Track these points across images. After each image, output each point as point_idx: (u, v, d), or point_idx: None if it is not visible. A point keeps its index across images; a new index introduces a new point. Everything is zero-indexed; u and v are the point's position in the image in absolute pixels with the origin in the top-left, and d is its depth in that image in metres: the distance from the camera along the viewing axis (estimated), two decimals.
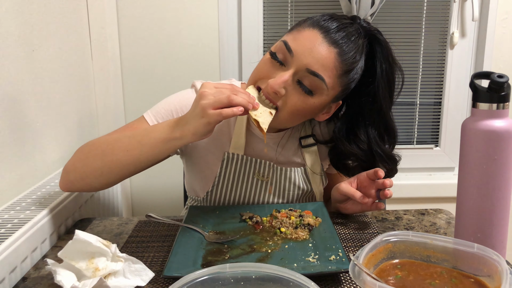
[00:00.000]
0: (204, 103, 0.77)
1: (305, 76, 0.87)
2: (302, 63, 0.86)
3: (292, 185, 1.06)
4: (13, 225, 0.84)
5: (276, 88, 0.86)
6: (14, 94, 1.05)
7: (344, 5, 1.60)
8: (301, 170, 1.06)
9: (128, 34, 1.64)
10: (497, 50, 1.74)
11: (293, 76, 0.88)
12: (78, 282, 0.68)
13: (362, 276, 0.61)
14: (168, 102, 1.01)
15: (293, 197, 1.07)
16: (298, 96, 0.89)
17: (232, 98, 0.77)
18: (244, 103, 0.79)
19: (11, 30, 1.05)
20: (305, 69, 0.86)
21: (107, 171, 0.87)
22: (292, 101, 0.89)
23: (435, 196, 1.84)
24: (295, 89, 0.89)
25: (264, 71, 0.91)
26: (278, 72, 0.89)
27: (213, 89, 0.79)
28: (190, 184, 1.13)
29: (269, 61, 0.90)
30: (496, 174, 0.74)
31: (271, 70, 0.90)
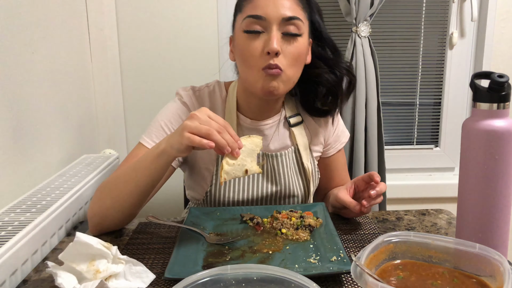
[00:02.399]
0: (186, 124, 0.80)
1: (286, 24, 0.94)
2: (276, 17, 0.94)
3: (286, 168, 1.09)
4: (13, 227, 0.84)
5: (276, 47, 0.92)
6: (14, 96, 1.05)
7: (343, 6, 1.60)
8: (291, 150, 1.10)
9: (127, 35, 1.64)
10: (496, 50, 1.75)
11: (278, 32, 0.94)
12: (79, 284, 0.68)
13: (364, 277, 0.61)
14: (156, 119, 1.06)
15: (288, 182, 1.08)
16: (291, 45, 0.96)
17: (211, 133, 0.79)
18: (220, 143, 0.79)
19: (11, 32, 1.05)
20: (281, 20, 0.94)
21: (119, 206, 0.91)
22: (290, 52, 0.95)
23: (435, 197, 1.84)
24: (286, 41, 0.95)
25: (254, 50, 0.95)
26: (261, 40, 0.95)
27: (204, 116, 0.81)
28: (190, 189, 1.14)
29: (248, 38, 0.95)
30: (497, 174, 0.74)
31: (256, 44, 0.95)
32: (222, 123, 0.82)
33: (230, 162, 0.83)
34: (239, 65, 1.01)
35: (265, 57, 0.94)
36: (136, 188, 0.89)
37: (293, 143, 1.11)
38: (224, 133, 0.81)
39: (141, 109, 1.69)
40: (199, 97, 1.08)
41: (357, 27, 1.59)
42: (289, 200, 1.10)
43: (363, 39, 1.60)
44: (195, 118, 0.81)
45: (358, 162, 1.65)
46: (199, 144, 0.78)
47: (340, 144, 1.18)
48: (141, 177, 0.89)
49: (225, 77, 1.66)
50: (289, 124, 1.10)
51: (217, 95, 1.09)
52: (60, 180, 1.14)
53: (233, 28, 1.03)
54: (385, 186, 0.95)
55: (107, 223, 0.94)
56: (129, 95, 1.68)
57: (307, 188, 1.12)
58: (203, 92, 1.09)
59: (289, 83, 0.98)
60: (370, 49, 1.62)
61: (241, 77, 1.02)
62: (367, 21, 1.59)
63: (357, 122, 1.63)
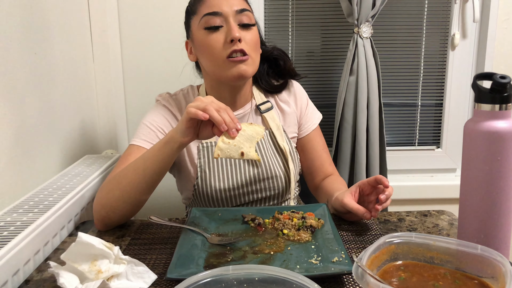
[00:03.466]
0: (190, 105, 0.87)
1: (240, 16, 1.05)
2: (231, 11, 1.04)
3: (264, 150, 1.15)
4: (15, 227, 0.84)
5: (237, 34, 1.02)
6: (16, 97, 1.06)
7: (345, 7, 1.60)
8: (266, 133, 1.17)
9: (129, 36, 1.64)
10: (498, 51, 1.74)
11: (235, 23, 1.04)
12: (80, 284, 0.68)
13: (366, 278, 0.61)
14: (142, 123, 1.13)
15: (268, 163, 1.14)
16: (248, 33, 1.06)
17: (208, 108, 0.84)
18: (216, 119, 0.84)
19: (14, 33, 1.05)
20: (235, 12, 1.04)
21: (127, 196, 0.95)
22: (249, 39, 1.06)
23: (437, 198, 1.84)
24: (243, 31, 1.05)
25: (216, 43, 1.04)
26: (221, 33, 1.04)
27: (207, 99, 0.87)
28: (181, 190, 1.20)
29: (210, 34, 1.04)
30: (499, 175, 0.74)
31: (218, 38, 1.04)
32: (223, 106, 0.87)
33: (225, 141, 0.86)
34: (204, 61, 1.09)
35: (229, 46, 1.03)
36: (145, 177, 0.93)
37: (266, 127, 1.18)
38: (223, 113, 0.85)
39: (143, 110, 1.67)
40: (175, 99, 1.18)
41: (359, 28, 1.59)
42: (272, 181, 1.13)
43: (365, 40, 1.60)
44: (198, 100, 0.87)
45: (360, 163, 1.64)
46: (195, 114, 0.84)
47: (312, 124, 1.24)
48: (149, 165, 0.93)
49: None
50: (260, 111, 1.18)
51: (190, 96, 1.19)
52: (62, 180, 1.15)
53: (189, 31, 1.13)
54: (393, 189, 0.95)
55: (114, 215, 0.96)
56: (131, 96, 1.68)
57: (287, 168, 1.16)
58: (179, 96, 1.19)
59: (254, 65, 1.08)
60: (372, 50, 1.61)
61: (208, 71, 1.10)
62: (369, 22, 1.59)
63: (358, 123, 1.63)
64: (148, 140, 1.09)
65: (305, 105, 1.25)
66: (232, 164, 1.12)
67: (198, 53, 1.10)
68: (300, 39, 1.79)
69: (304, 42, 1.80)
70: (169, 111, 1.15)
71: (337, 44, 1.80)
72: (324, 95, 1.83)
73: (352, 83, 1.63)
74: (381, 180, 0.93)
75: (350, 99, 1.64)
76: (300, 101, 1.24)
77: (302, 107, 1.24)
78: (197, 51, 1.10)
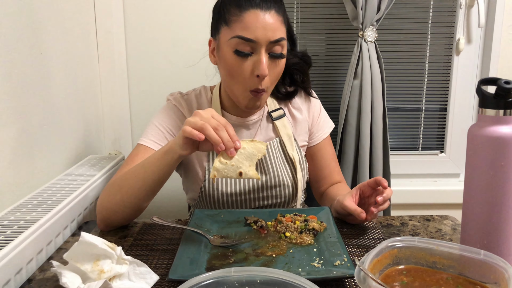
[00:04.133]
0: (187, 119, 0.85)
1: (272, 46, 0.98)
2: (265, 41, 0.96)
3: (273, 158, 1.13)
4: (19, 226, 0.84)
5: (266, 72, 0.97)
6: (21, 96, 1.06)
7: (350, 11, 1.60)
8: (276, 141, 1.15)
9: (134, 37, 1.65)
10: (503, 56, 1.74)
11: (266, 54, 0.98)
12: (83, 284, 0.68)
13: (368, 282, 0.61)
14: (150, 122, 1.12)
15: (276, 171, 1.12)
16: (276, 64, 1.01)
17: (205, 128, 0.81)
18: (213, 138, 0.81)
19: (20, 33, 1.06)
20: (269, 42, 0.97)
21: (128, 201, 0.95)
22: (275, 72, 1.02)
23: (440, 203, 1.83)
24: (272, 62, 1.00)
25: (243, 71, 0.99)
26: (250, 62, 0.98)
27: (206, 114, 0.84)
28: (187, 190, 1.18)
29: (238, 60, 0.98)
30: (503, 181, 0.73)
31: (245, 65, 0.98)
32: (223, 122, 0.84)
33: (223, 161, 0.83)
34: (225, 77, 1.05)
35: (254, 79, 0.99)
36: (144, 185, 0.93)
37: (277, 135, 1.16)
38: (221, 131, 0.82)
39: (147, 110, 1.69)
40: (187, 99, 1.15)
41: (363, 32, 1.59)
42: (279, 189, 1.13)
43: (369, 44, 1.60)
44: (197, 115, 0.84)
45: (363, 167, 1.64)
46: (190, 134, 0.81)
47: (323, 133, 1.23)
48: (149, 174, 0.92)
49: None
50: (272, 118, 1.16)
51: (203, 97, 1.16)
52: (66, 180, 1.15)
53: (216, 35, 1.04)
54: (391, 191, 0.95)
55: (115, 217, 0.97)
56: (135, 96, 1.69)
57: (295, 177, 1.14)
58: (191, 96, 1.16)
59: (268, 95, 1.06)
60: (376, 54, 1.62)
61: (226, 87, 1.07)
62: (373, 26, 1.59)
63: (362, 127, 1.63)
64: (156, 141, 1.08)
65: (317, 113, 1.22)
66: None
67: (220, 65, 1.04)
68: (304, 42, 1.80)
69: (309, 45, 1.80)
70: (179, 112, 1.13)
71: (342, 47, 1.80)
72: (328, 99, 1.83)
73: (356, 87, 1.63)
74: (380, 181, 0.94)
75: (354, 102, 1.64)
76: (313, 109, 1.22)
77: (314, 115, 1.22)
78: (220, 62, 1.04)
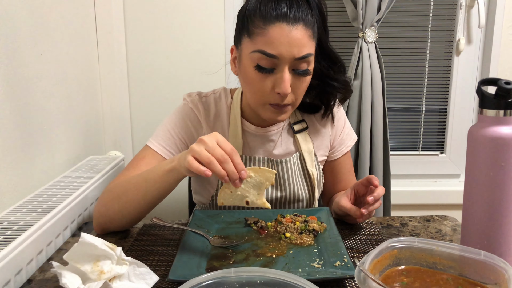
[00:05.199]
0: (192, 148, 0.79)
1: (297, 63, 0.91)
2: (289, 58, 0.90)
3: (291, 174, 1.09)
4: (19, 227, 0.85)
5: (288, 91, 0.91)
6: (21, 97, 1.06)
7: (350, 11, 1.60)
8: (296, 156, 1.10)
9: (135, 38, 1.65)
10: (503, 57, 1.74)
11: (289, 70, 0.92)
12: (83, 285, 0.68)
13: (368, 282, 0.61)
14: (163, 123, 1.07)
15: (294, 188, 1.09)
16: (301, 81, 0.94)
17: (211, 162, 0.76)
18: (219, 173, 0.76)
19: (21, 34, 1.06)
20: (294, 59, 0.90)
21: (126, 212, 0.93)
22: (300, 89, 0.95)
23: (440, 203, 1.83)
24: (297, 79, 0.93)
25: (263, 87, 0.93)
26: (272, 78, 0.92)
27: (211, 142, 0.79)
28: (197, 193, 1.15)
29: (259, 75, 0.93)
30: (503, 181, 0.73)
31: (267, 82, 0.93)
32: (229, 150, 0.78)
33: (227, 191, 0.82)
34: (244, 89, 1.00)
35: (275, 96, 0.93)
36: (145, 199, 0.90)
37: (297, 149, 1.11)
38: (227, 163, 0.77)
39: (147, 111, 1.69)
40: (205, 102, 1.08)
41: (363, 33, 1.59)
42: (294, 205, 1.11)
43: (369, 45, 1.60)
44: (202, 143, 0.79)
45: (363, 168, 1.64)
46: (196, 170, 0.77)
47: (345, 147, 1.17)
48: (150, 189, 0.89)
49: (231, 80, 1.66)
50: (293, 130, 1.10)
51: (222, 102, 1.09)
52: (66, 181, 1.15)
53: (238, 44, 0.98)
54: (383, 190, 0.94)
55: (112, 225, 0.95)
56: (135, 97, 1.69)
57: (312, 194, 1.12)
58: (210, 98, 1.09)
59: (293, 109, 1.00)
60: (376, 54, 1.62)
61: (247, 98, 1.01)
62: (373, 26, 1.59)
63: (362, 128, 1.63)
64: (166, 146, 1.03)
65: (341, 127, 1.16)
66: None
67: (241, 75, 0.98)
68: None
69: None
70: (194, 117, 1.07)
71: (342, 48, 1.80)
72: None
73: (356, 87, 1.63)
74: (371, 179, 0.93)
75: (354, 103, 1.64)
76: (338, 122, 1.15)
77: (337, 130, 1.16)
78: (240, 73, 0.98)
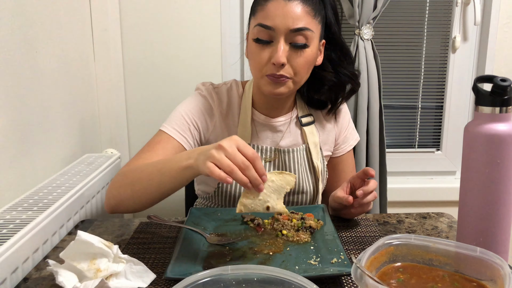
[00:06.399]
0: (212, 154, 0.77)
1: (294, 36, 0.95)
2: (284, 29, 0.94)
3: (297, 164, 1.11)
4: (15, 225, 0.84)
5: (281, 60, 0.94)
6: (16, 95, 1.06)
7: (346, 9, 1.60)
8: (303, 147, 1.13)
9: (131, 36, 1.64)
10: (499, 54, 1.75)
11: (285, 43, 0.96)
12: (79, 283, 0.68)
13: (364, 279, 0.61)
14: (177, 109, 1.09)
15: (299, 178, 1.10)
16: (298, 55, 0.97)
17: (232, 170, 0.75)
18: (242, 181, 0.75)
19: (15, 32, 1.06)
20: (289, 31, 0.95)
21: (138, 198, 0.93)
22: (298, 63, 0.97)
23: (436, 200, 1.84)
24: (294, 52, 0.97)
25: (260, 58, 0.98)
26: (269, 49, 0.97)
27: (231, 148, 0.77)
28: (202, 183, 1.16)
29: (257, 47, 0.98)
30: (499, 178, 0.74)
31: (264, 53, 0.97)
32: (251, 156, 0.76)
33: (250, 196, 0.79)
34: (250, 64, 1.04)
35: (271, 66, 0.97)
36: (158, 190, 0.90)
37: (304, 141, 1.14)
38: (249, 170, 0.76)
39: (143, 109, 1.69)
40: (217, 92, 1.12)
41: (360, 30, 1.59)
42: (298, 196, 1.12)
43: (365, 42, 1.60)
44: (222, 150, 0.76)
45: (360, 165, 1.64)
46: (218, 177, 0.75)
47: (348, 146, 1.21)
48: (165, 182, 0.88)
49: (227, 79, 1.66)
50: (301, 123, 1.13)
51: (234, 92, 1.13)
52: (62, 179, 1.15)
53: (248, 27, 1.05)
54: (376, 183, 0.97)
55: (122, 207, 0.96)
56: (131, 95, 1.68)
57: (316, 186, 1.14)
58: (222, 89, 1.13)
59: (296, 86, 1.02)
60: (372, 52, 1.62)
61: (252, 74, 1.05)
62: (370, 24, 1.59)
63: (359, 125, 1.63)
64: (180, 130, 1.05)
65: (346, 125, 1.20)
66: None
67: (248, 55, 1.04)
68: None
69: None
70: (208, 105, 1.10)
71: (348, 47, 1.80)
72: None
73: None
74: (367, 171, 0.95)
75: (350, 100, 1.64)
76: (343, 120, 1.20)
77: (342, 127, 1.20)
78: (247, 52, 1.05)
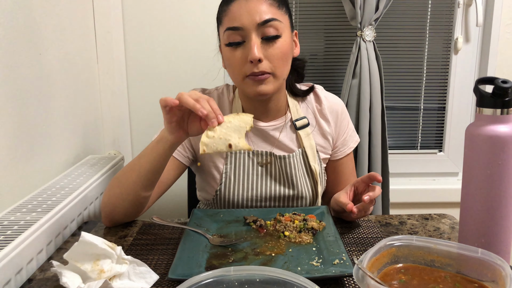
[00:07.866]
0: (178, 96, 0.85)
1: (263, 29, 0.96)
2: (252, 24, 0.95)
3: (294, 170, 1.10)
4: (19, 227, 0.85)
5: (257, 56, 0.95)
6: (20, 97, 1.06)
7: (348, 10, 1.61)
8: (299, 152, 1.12)
9: (133, 37, 1.65)
10: (501, 56, 1.74)
11: (257, 38, 0.97)
12: (83, 284, 0.69)
13: (366, 280, 0.61)
14: None
15: (297, 184, 1.10)
16: (273, 47, 0.98)
17: (180, 96, 0.83)
18: (189, 103, 0.82)
19: (19, 34, 1.06)
20: (257, 25, 0.96)
21: (126, 194, 0.96)
22: (274, 55, 0.98)
23: (438, 201, 1.84)
24: (268, 45, 0.97)
25: (237, 61, 0.99)
26: (243, 50, 0.98)
27: (189, 92, 0.85)
28: (201, 190, 1.17)
29: (232, 51, 0.99)
30: (501, 179, 0.74)
31: (239, 55, 0.98)
32: (206, 97, 0.84)
33: (209, 135, 0.83)
34: (228, 72, 1.05)
35: (249, 65, 0.97)
36: (139, 176, 0.93)
37: (300, 146, 1.12)
38: (203, 102, 0.82)
39: (146, 111, 1.69)
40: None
41: (362, 32, 1.60)
42: (297, 202, 1.11)
43: (367, 44, 1.60)
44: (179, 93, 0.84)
45: (362, 166, 1.65)
46: (164, 101, 0.82)
47: (348, 148, 1.18)
48: (143, 164, 0.93)
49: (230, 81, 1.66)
50: (295, 127, 1.12)
51: (225, 97, 1.14)
52: (65, 180, 1.15)
53: (219, 40, 1.06)
54: (380, 190, 0.96)
55: (116, 213, 0.98)
56: (134, 97, 1.69)
57: (315, 189, 1.13)
58: (213, 94, 1.14)
59: (279, 81, 1.01)
60: (374, 53, 1.62)
61: (234, 82, 1.06)
62: (372, 25, 1.59)
63: (361, 126, 1.63)
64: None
65: (345, 128, 1.18)
66: (258, 176, 1.09)
67: (225, 64, 1.06)
68: (303, 42, 1.80)
69: (307, 45, 1.81)
70: None
71: (340, 47, 1.81)
72: None
73: (355, 86, 1.63)
74: (374, 176, 0.94)
75: (352, 102, 1.65)
76: (341, 122, 1.17)
77: (341, 129, 1.17)
78: (223, 62, 1.07)
